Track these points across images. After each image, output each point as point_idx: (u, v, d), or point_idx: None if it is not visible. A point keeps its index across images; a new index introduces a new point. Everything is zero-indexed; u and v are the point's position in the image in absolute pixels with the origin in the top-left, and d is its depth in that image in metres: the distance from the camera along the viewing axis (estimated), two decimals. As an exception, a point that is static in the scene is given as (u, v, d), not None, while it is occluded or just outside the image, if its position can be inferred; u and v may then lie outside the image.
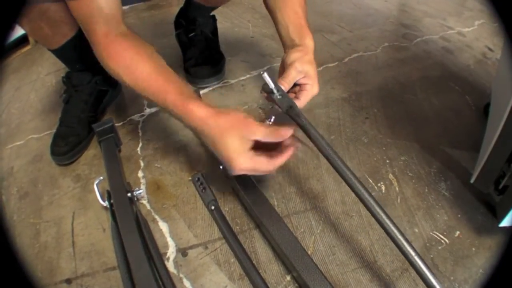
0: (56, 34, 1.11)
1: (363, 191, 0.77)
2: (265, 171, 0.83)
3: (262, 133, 0.80)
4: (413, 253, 0.71)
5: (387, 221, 0.74)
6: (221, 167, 1.01)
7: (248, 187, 0.95)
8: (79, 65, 1.23)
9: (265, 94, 0.93)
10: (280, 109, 0.90)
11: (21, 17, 0.99)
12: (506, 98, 0.80)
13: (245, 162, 0.79)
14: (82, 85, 1.22)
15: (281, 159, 0.82)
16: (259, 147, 0.81)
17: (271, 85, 0.89)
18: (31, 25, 1.06)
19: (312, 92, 0.96)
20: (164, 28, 1.84)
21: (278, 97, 0.90)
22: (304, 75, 0.95)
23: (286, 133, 0.81)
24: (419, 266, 0.70)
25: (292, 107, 0.88)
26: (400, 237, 0.72)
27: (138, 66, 0.87)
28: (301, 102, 0.94)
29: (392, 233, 0.73)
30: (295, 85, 0.97)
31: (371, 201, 0.75)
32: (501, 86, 0.98)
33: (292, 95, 0.97)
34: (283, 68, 0.98)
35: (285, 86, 0.93)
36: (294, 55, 0.96)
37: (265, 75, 0.88)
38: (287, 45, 1.02)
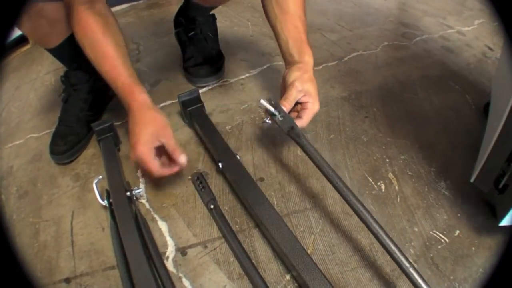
0: (52, 33, 1.11)
1: (365, 213, 0.79)
2: (151, 171, 0.93)
3: (168, 143, 0.94)
4: (407, 265, 0.73)
5: (393, 247, 0.75)
6: (220, 165, 1.01)
7: (248, 186, 0.95)
8: (77, 64, 1.22)
9: (268, 116, 0.99)
10: (282, 130, 0.96)
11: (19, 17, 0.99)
12: (506, 97, 0.79)
13: (142, 153, 0.91)
14: (80, 84, 1.22)
15: (166, 172, 0.95)
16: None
17: (271, 110, 0.95)
18: (27, 25, 1.06)
19: (313, 110, 1.01)
20: (163, 26, 1.84)
21: (280, 118, 0.96)
22: (305, 94, 1.00)
23: (182, 160, 0.95)
24: (413, 276, 0.72)
25: (293, 127, 0.94)
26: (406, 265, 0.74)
27: (102, 44, 0.98)
28: (303, 121, 1.00)
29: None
30: (296, 103, 1.01)
31: (375, 225, 0.77)
32: (501, 86, 0.98)
33: (294, 114, 1.03)
34: (284, 85, 1.03)
35: (287, 106, 0.99)
36: (294, 74, 1.01)
37: (262, 102, 0.95)
38: (287, 60, 1.07)
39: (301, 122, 0.99)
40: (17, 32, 1.60)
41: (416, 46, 1.66)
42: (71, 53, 1.19)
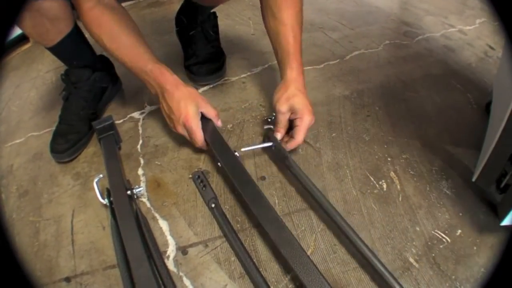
0: (52, 31, 1.10)
1: (357, 240, 0.83)
2: (199, 140, 1.05)
3: (208, 109, 1.07)
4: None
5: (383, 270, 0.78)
6: (219, 164, 1.01)
7: (247, 185, 0.94)
8: (77, 61, 1.22)
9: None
10: (277, 160, 1.09)
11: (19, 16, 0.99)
12: (508, 97, 0.79)
13: (194, 124, 1.03)
14: (81, 82, 1.22)
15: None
16: None
17: (264, 145, 1.08)
18: (27, 23, 1.05)
19: (304, 126, 1.04)
20: (164, 25, 1.84)
21: (274, 149, 1.07)
22: (292, 112, 1.05)
23: (218, 123, 1.10)
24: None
25: (287, 157, 1.01)
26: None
27: (121, 35, 1.03)
28: (297, 141, 1.05)
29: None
30: (291, 121, 1.07)
31: (368, 252, 0.80)
32: (502, 85, 0.98)
33: (286, 139, 1.08)
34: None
35: (282, 132, 1.08)
36: (277, 95, 1.07)
37: (247, 149, 1.07)
38: (280, 74, 1.12)
39: (295, 142, 1.05)
40: (17, 31, 1.60)
41: (418, 45, 1.65)
42: (71, 51, 1.19)
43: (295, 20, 1.09)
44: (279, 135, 1.07)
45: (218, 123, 1.09)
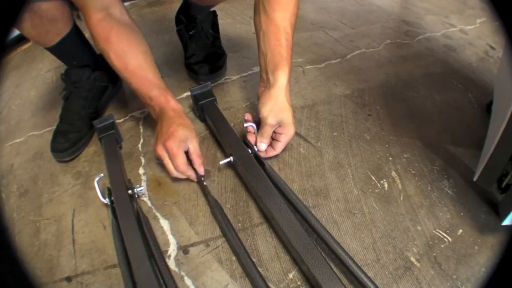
0: (51, 32, 1.11)
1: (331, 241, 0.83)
2: (176, 164, 0.98)
3: (195, 150, 1.02)
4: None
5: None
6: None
7: (259, 180, 0.94)
8: (77, 61, 1.22)
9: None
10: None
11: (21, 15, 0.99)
12: (509, 97, 0.79)
13: (174, 146, 0.97)
14: (81, 81, 1.22)
15: (187, 172, 1.01)
16: None
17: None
18: (26, 24, 1.05)
19: (287, 139, 1.05)
20: (165, 24, 1.84)
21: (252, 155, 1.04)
22: (279, 125, 1.03)
23: (201, 170, 1.02)
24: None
25: (264, 164, 1.00)
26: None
27: (128, 56, 1.02)
28: (275, 153, 1.08)
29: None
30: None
31: (341, 252, 0.80)
32: (503, 85, 0.98)
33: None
34: (259, 108, 1.05)
35: (267, 142, 1.06)
36: (267, 106, 1.02)
37: (225, 161, 1.03)
38: (262, 78, 1.09)
39: (274, 153, 1.07)
40: (17, 31, 1.60)
41: (418, 44, 1.65)
42: (70, 51, 1.19)
43: (289, 23, 1.03)
44: (263, 146, 1.06)
45: (199, 167, 1.02)
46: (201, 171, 1.02)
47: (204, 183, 1.00)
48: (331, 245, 0.81)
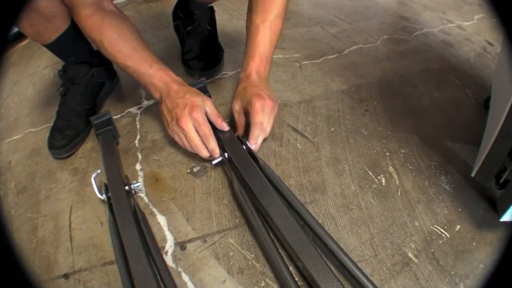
0: (49, 29, 1.10)
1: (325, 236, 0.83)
2: (204, 132, 0.99)
3: (212, 111, 1.03)
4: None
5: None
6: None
7: (255, 176, 0.94)
8: (74, 58, 1.22)
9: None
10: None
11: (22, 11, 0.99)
12: (507, 93, 0.79)
13: (200, 114, 0.98)
14: (78, 78, 1.21)
15: (212, 144, 1.00)
16: None
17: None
18: (24, 22, 1.05)
19: (255, 111, 1.02)
20: (162, 20, 1.83)
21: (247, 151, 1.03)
22: (246, 110, 1.07)
23: (225, 126, 1.05)
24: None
25: (257, 159, 0.99)
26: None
27: (122, 41, 1.03)
28: (253, 134, 1.04)
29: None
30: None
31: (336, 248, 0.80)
32: (501, 80, 0.97)
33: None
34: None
35: (240, 131, 1.10)
36: (237, 100, 1.09)
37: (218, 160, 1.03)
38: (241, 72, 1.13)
39: (253, 135, 1.04)
40: (15, 28, 1.60)
41: (416, 40, 1.65)
42: (68, 48, 1.19)
43: (274, 23, 1.10)
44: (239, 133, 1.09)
45: (223, 124, 1.04)
46: (225, 128, 1.05)
47: (226, 155, 1.02)
48: (326, 241, 0.81)
